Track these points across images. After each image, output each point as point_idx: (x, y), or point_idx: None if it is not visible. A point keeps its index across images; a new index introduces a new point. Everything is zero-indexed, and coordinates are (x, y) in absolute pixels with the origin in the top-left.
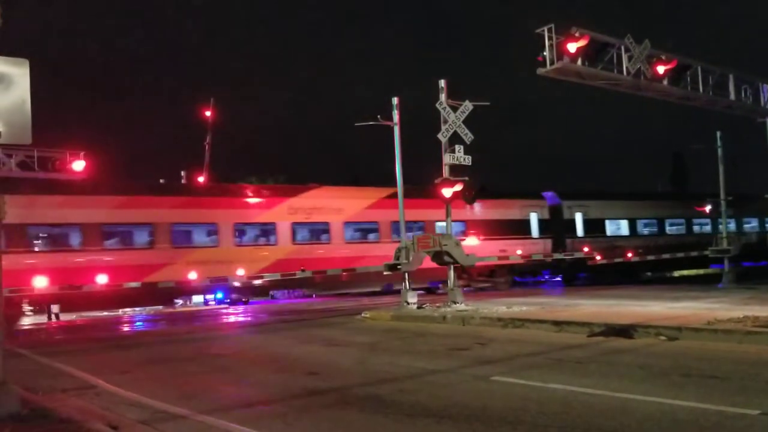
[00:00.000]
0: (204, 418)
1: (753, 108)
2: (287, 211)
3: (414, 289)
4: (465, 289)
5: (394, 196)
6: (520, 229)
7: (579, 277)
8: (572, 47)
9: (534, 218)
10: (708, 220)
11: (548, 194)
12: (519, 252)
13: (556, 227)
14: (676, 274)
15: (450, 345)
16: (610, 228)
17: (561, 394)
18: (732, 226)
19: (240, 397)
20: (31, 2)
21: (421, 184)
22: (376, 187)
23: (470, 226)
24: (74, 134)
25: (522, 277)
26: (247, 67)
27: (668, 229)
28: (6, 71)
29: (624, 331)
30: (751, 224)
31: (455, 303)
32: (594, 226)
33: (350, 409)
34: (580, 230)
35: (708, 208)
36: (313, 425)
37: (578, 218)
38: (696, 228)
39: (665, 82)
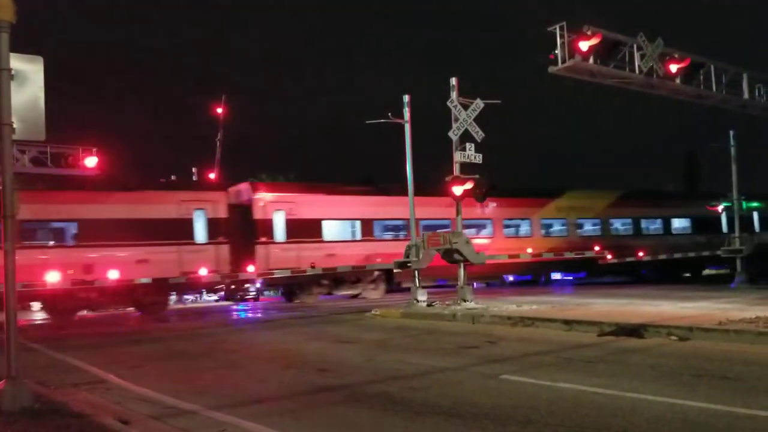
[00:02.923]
0: (214, 414)
1: (767, 107)
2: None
3: (424, 287)
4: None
5: None
6: (170, 232)
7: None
8: (584, 45)
9: (199, 218)
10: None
11: (241, 186)
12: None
13: (242, 229)
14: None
15: (460, 343)
16: (329, 232)
17: (571, 394)
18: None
19: (250, 392)
20: None
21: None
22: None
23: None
24: (87, 130)
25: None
26: (260, 63)
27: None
28: (20, 68)
29: (635, 330)
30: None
31: (465, 301)
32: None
33: (360, 407)
34: (280, 234)
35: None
36: (323, 422)
37: (278, 218)
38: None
39: (678, 80)
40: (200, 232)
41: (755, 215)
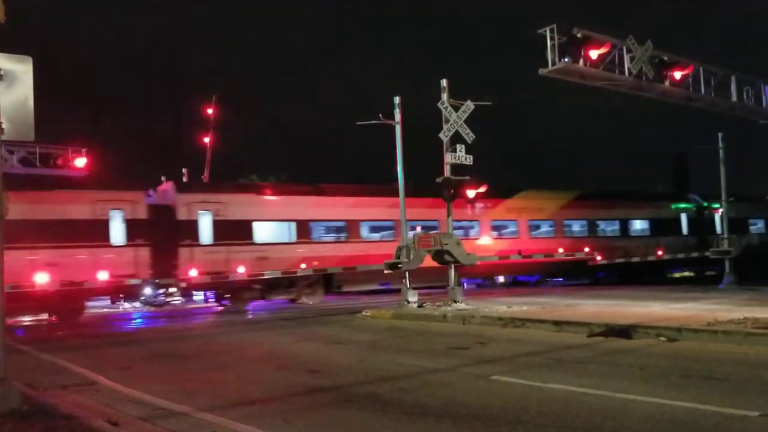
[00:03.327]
0: (204, 415)
1: (755, 109)
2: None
3: (415, 288)
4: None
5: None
6: (84, 234)
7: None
8: (574, 48)
9: (116, 218)
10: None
11: (166, 185)
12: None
13: (166, 231)
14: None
15: (450, 344)
16: (262, 234)
17: (561, 394)
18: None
19: (240, 394)
20: None
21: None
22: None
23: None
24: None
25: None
26: (249, 64)
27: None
28: (9, 68)
29: (624, 331)
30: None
31: (456, 302)
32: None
33: (350, 408)
34: (206, 236)
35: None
36: (314, 423)
37: (204, 220)
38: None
39: (667, 83)
40: (117, 234)
41: (683, 216)
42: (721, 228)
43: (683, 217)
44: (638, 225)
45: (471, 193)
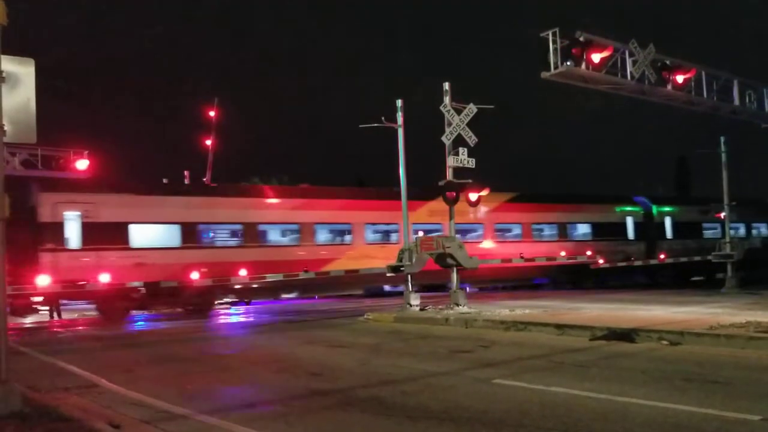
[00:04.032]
0: (206, 418)
1: (757, 113)
2: None
3: (417, 291)
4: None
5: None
6: None
7: None
8: (577, 51)
9: None
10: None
11: (30, 184)
12: None
13: (26, 234)
14: None
15: (452, 347)
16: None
17: (563, 398)
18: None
19: (242, 397)
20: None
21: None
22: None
23: None
24: (78, 133)
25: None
26: (251, 66)
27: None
28: (12, 70)
29: (626, 335)
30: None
31: (458, 305)
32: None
33: (352, 411)
34: (74, 239)
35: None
36: (315, 426)
37: (72, 221)
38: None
39: (669, 86)
40: None
41: (629, 220)
42: (722, 232)
43: (629, 221)
44: (580, 229)
45: (473, 197)
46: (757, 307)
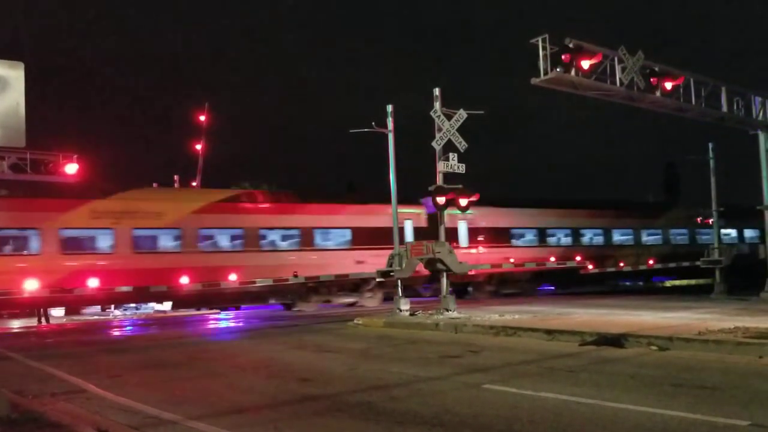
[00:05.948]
0: (194, 424)
1: (745, 120)
2: None
3: (407, 296)
4: None
5: None
6: None
7: None
8: (566, 58)
9: None
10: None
11: None
12: None
13: None
14: None
15: (442, 352)
16: None
17: (552, 403)
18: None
19: (231, 402)
20: (26, 4)
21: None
22: None
23: None
24: (67, 137)
25: None
26: (241, 72)
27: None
28: (1, 74)
29: (615, 340)
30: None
31: (448, 310)
32: None
33: (341, 416)
34: None
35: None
36: (304, 431)
37: None
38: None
39: (658, 93)
40: None
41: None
42: (714, 238)
43: (408, 225)
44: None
45: (463, 202)
46: (745, 312)
